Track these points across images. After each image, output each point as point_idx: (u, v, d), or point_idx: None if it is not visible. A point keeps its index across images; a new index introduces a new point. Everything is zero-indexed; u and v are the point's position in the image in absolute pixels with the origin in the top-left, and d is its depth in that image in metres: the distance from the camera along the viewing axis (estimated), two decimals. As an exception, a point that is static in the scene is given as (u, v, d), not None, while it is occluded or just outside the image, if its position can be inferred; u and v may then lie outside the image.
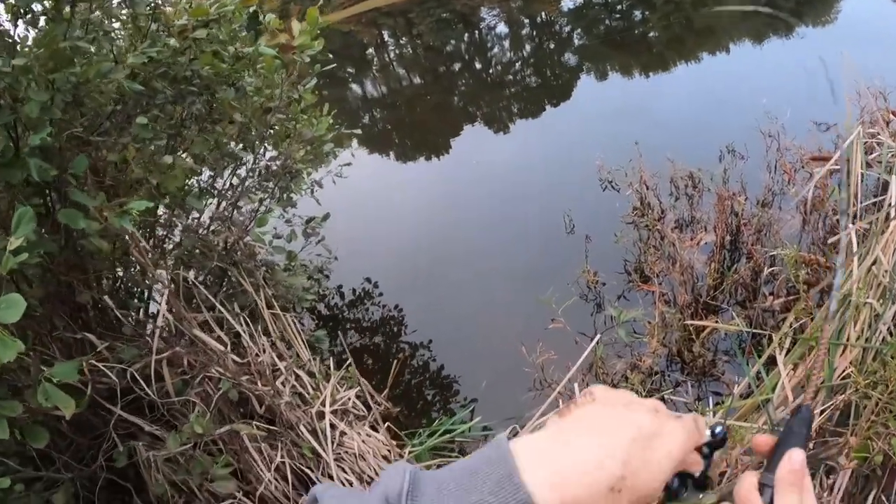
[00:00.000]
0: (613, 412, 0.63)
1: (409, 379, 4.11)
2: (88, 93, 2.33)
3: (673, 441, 0.62)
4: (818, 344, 2.65)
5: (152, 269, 2.63)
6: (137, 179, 2.47)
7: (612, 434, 0.60)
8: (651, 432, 0.61)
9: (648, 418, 0.63)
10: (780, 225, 4.02)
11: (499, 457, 0.58)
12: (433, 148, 7.39)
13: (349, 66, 11.24)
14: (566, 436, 0.61)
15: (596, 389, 0.66)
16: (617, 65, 8.26)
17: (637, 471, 0.59)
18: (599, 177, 5.24)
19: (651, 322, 3.58)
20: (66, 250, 2.47)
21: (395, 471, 0.59)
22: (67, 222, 2.05)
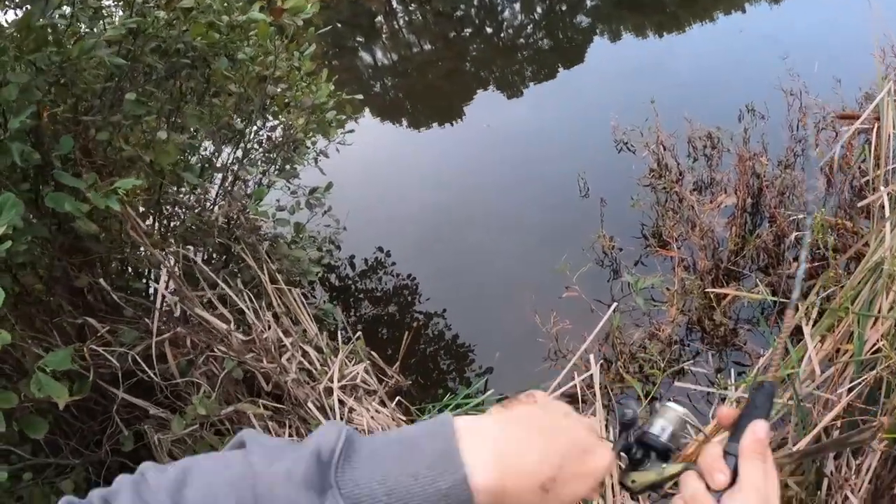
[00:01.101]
0: (555, 419, 0.64)
1: (424, 348, 4.04)
2: (76, 72, 2.22)
3: (601, 461, 0.64)
4: (847, 315, 2.51)
5: (150, 248, 2.55)
6: (130, 158, 2.37)
7: (553, 438, 0.62)
8: (585, 447, 0.63)
9: (585, 433, 0.65)
10: (803, 187, 3.85)
11: (441, 432, 0.58)
12: (446, 114, 7.24)
13: (358, 35, 11.03)
14: (510, 427, 0.61)
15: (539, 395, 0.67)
16: (630, 25, 8.03)
17: (567, 478, 0.60)
18: (614, 138, 5.07)
19: (670, 289, 3.46)
20: (61, 234, 2.40)
21: (330, 428, 0.58)
22: (54, 205, 1.96)
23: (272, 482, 0.55)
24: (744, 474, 0.67)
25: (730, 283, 3.54)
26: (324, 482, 0.54)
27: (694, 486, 0.68)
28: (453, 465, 0.55)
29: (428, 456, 0.56)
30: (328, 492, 0.54)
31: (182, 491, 0.56)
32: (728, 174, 4.17)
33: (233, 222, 2.94)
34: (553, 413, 0.65)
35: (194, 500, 0.55)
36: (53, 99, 2.21)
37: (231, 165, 3.25)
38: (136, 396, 2.69)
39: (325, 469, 0.55)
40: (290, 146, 3.28)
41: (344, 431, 0.57)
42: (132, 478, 0.59)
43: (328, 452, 0.55)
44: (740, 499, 0.65)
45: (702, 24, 7.53)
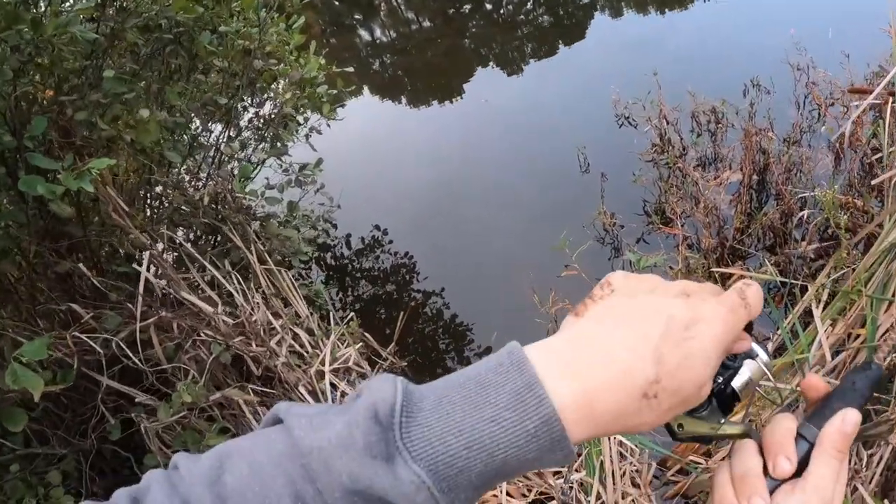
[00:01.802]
0: (637, 303, 0.53)
1: (423, 328, 3.98)
2: (52, 50, 2.11)
3: (715, 326, 0.51)
4: (860, 298, 2.40)
5: (133, 230, 2.46)
6: (110, 138, 2.27)
7: (638, 330, 0.50)
8: (685, 320, 0.51)
9: (679, 304, 0.52)
10: (811, 164, 3.73)
11: (513, 365, 0.48)
12: (445, 91, 7.12)
13: (356, 12, 10.85)
14: (586, 338, 0.51)
15: (614, 278, 0.56)
16: (632, 2, 7.85)
17: (674, 370, 0.49)
18: (615, 112, 4.94)
19: (673, 268, 3.36)
20: (41, 219, 2.31)
21: (383, 382, 0.49)
22: (26, 189, 1.87)
23: (326, 455, 0.46)
24: (814, 470, 0.54)
25: (735, 262, 3.44)
26: (389, 447, 0.46)
27: (749, 464, 0.56)
28: (536, 400, 0.47)
29: (505, 395, 0.47)
30: (395, 458, 0.45)
31: (221, 479, 0.48)
32: (733, 150, 4.05)
33: (218, 202, 2.84)
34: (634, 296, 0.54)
35: (236, 488, 0.47)
36: (33, 79, 2.12)
37: (219, 144, 3.15)
38: (125, 383, 2.62)
39: (387, 431, 0.46)
40: (280, 122, 3.17)
41: (399, 384, 0.48)
42: (163, 472, 0.51)
43: (387, 411, 0.46)
44: (799, 498, 0.53)
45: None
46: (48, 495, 2.44)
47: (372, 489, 0.45)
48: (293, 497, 0.46)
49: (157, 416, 2.56)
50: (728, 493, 0.56)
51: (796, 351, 2.45)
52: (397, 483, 0.45)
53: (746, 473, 0.55)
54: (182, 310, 2.75)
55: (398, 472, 0.45)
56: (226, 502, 0.47)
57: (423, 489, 0.45)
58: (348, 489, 0.46)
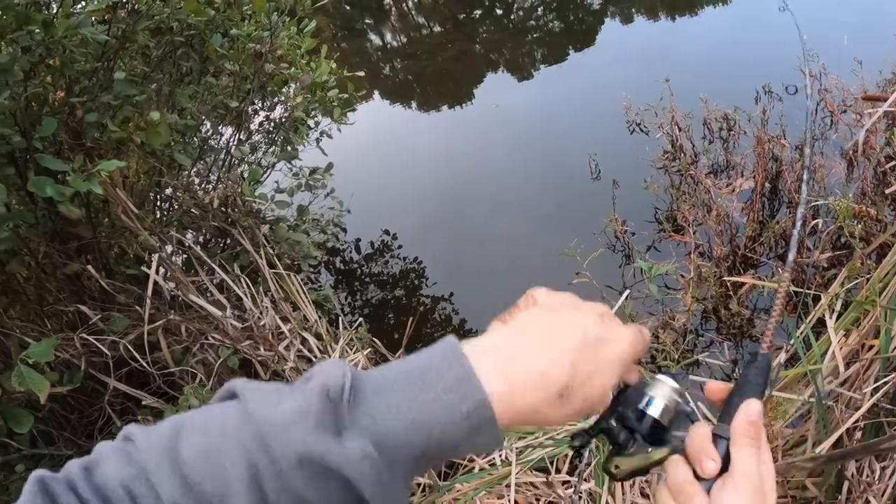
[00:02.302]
0: (558, 317, 0.59)
1: (431, 332, 3.95)
2: (64, 52, 2.11)
3: (620, 346, 0.60)
4: (874, 308, 2.36)
5: (143, 232, 2.45)
6: (119, 140, 2.26)
7: (559, 340, 0.57)
8: (598, 337, 0.58)
9: (593, 322, 0.59)
10: (824, 172, 3.69)
11: (452, 356, 0.54)
12: (455, 96, 7.11)
13: (367, 17, 10.87)
14: (511, 342, 0.57)
15: (537, 293, 0.63)
16: (642, 8, 7.83)
17: (585, 377, 0.56)
18: (627, 118, 4.92)
19: (685, 276, 3.33)
20: (50, 220, 2.30)
21: (331, 365, 0.53)
22: (35, 190, 1.86)
23: (281, 424, 0.50)
24: (736, 461, 0.60)
25: (747, 270, 3.41)
26: (338, 421, 0.50)
27: (680, 474, 0.61)
28: (471, 386, 0.52)
29: (443, 381, 0.52)
30: (343, 432, 0.50)
31: (177, 448, 0.50)
32: (745, 157, 4.02)
33: (229, 205, 2.83)
34: (556, 310, 0.60)
35: (192, 456, 0.50)
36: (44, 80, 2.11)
37: (230, 147, 3.15)
38: (132, 386, 2.61)
39: (336, 407, 0.50)
40: (290, 126, 3.16)
41: (348, 368, 0.53)
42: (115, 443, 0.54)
43: (337, 391, 0.51)
44: (731, 489, 0.59)
45: (714, 6, 7.33)
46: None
47: (323, 459, 0.49)
48: (247, 465, 0.49)
49: (163, 418, 2.55)
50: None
51: (809, 361, 2.41)
52: (345, 453, 0.49)
53: (681, 483, 0.61)
54: (190, 313, 2.74)
55: (346, 443, 0.49)
56: (183, 469, 0.50)
57: (367, 459, 0.49)
58: (302, 458, 0.49)
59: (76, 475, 0.51)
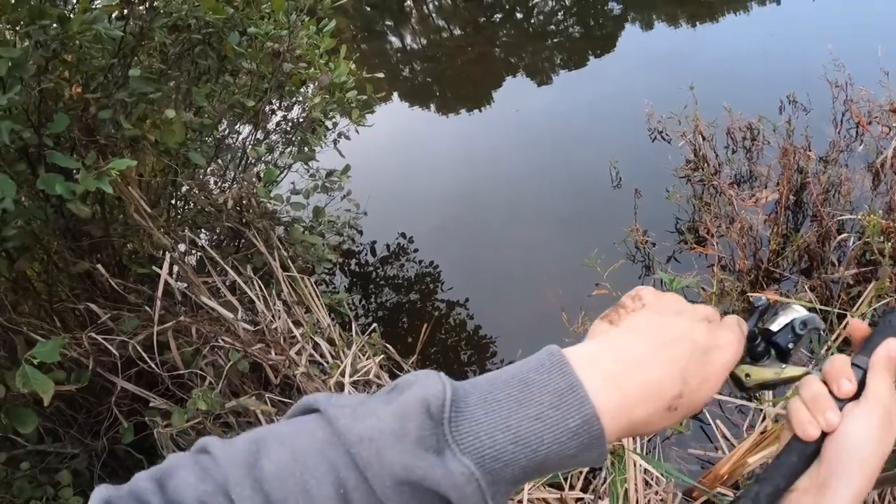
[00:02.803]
0: (668, 322, 0.58)
1: (445, 338, 3.90)
2: (78, 48, 2.08)
3: (728, 352, 0.59)
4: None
5: (155, 231, 2.42)
6: (133, 137, 2.23)
7: (670, 348, 0.56)
8: (707, 345, 0.58)
9: (703, 329, 0.59)
10: (849, 185, 3.60)
11: (555, 366, 0.52)
12: (474, 100, 7.07)
13: (388, 18, 10.87)
14: (622, 349, 0.56)
15: (645, 293, 0.62)
16: (663, 14, 7.75)
17: (694, 388, 0.56)
18: (649, 126, 4.85)
19: (706, 289, 3.25)
20: (62, 217, 2.28)
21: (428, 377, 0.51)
22: (45, 187, 1.83)
23: (378, 446, 0.47)
24: (871, 385, 0.62)
25: (769, 284, 3.33)
26: (439, 440, 0.48)
27: (817, 389, 0.63)
28: (578, 400, 0.50)
29: (548, 394, 0.50)
30: (445, 451, 0.47)
31: (259, 463, 0.48)
32: (770, 168, 3.93)
33: (243, 206, 2.80)
34: (664, 314, 0.59)
35: (275, 473, 0.47)
36: (61, 75, 2.09)
37: (246, 147, 3.11)
38: (140, 386, 2.58)
39: (438, 425, 0.48)
40: (308, 126, 3.12)
41: (446, 380, 0.50)
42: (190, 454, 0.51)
43: (438, 406, 0.48)
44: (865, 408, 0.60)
45: (736, 14, 7.24)
46: (57, 496, 2.40)
47: (424, 480, 0.46)
48: (335, 484, 0.47)
49: (171, 420, 2.51)
50: (804, 415, 0.61)
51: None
52: (448, 474, 0.46)
53: (816, 396, 0.62)
54: (201, 314, 2.71)
55: (449, 464, 0.47)
56: (264, 486, 0.47)
57: (472, 481, 0.47)
58: (400, 479, 0.47)
59: (148, 490, 0.48)
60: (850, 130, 4.20)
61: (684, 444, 2.75)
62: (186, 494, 0.47)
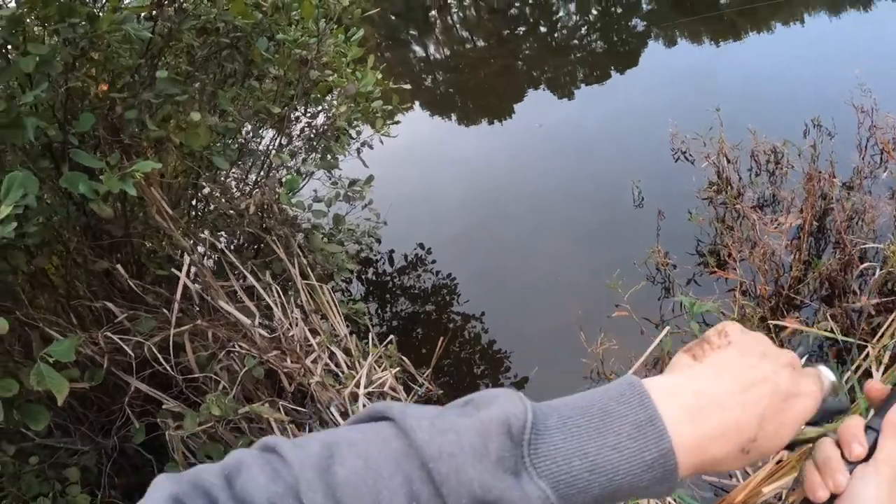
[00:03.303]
0: (752, 363, 0.58)
1: (458, 351, 3.88)
2: (106, 46, 2.09)
3: (807, 402, 0.60)
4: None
5: (175, 233, 2.42)
6: (158, 139, 2.24)
7: (752, 390, 0.56)
8: (787, 391, 0.58)
9: (786, 374, 0.59)
10: (874, 213, 3.55)
11: (635, 397, 0.53)
12: (496, 112, 7.07)
13: (412, 28, 10.93)
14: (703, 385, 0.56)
15: (731, 330, 0.62)
16: (687, 32, 7.73)
17: (770, 434, 0.56)
18: (672, 146, 4.81)
19: (726, 314, 3.21)
20: (84, 216, 2.28)
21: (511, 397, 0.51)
22: (68, 186, 1.83)
23: (459, 462, 0.48)
24: (881, 447, 0.62)
25: (790, 311, 3.28)
26: (517, 462, 0.49)
27: (828, 452, 0.63)
28: (657, 433, 0.51)
29: (627, 425, 0.51)
30: (522, 473, 0.48)
31: (332, 468, 0.48)
32: (793, 193, 3.88)
33: (265, 211, 2.80)
34: (749, 355, 0.59)
35: (349, 479, 0.48)
36: (90, 75, 2.10)
37: (269, 151, 3.12)
38: (153, 386, 2.58)
39: (518, 447, 0.49)
40: (332, 135, 3.12)
41: (527, 402, 0.51)
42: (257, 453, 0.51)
43: (519, 427, 0.49)
44: (873, 470, 0.61)
45: (759, 33, 7.21)
46: (64, 492, 2.40)
47: (501, 500, 0.47)
48: (408, 496, 0.47)
49: (183, 423, 2.51)
50: (815, 478, 0.62)
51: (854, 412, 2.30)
52: (525, 497, 0.47)
53: (827, 459, 0.63)
54: (218, 318, 2.70)
55: (525, 486, 0.47)
56: (336, 491, 0.47)
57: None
58: (477, 497, 0.47)
59: (216, 486, 0.48)
60: (875, 157, 4.15)
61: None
62: (256, 493, 0.47)
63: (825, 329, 2.87)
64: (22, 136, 1.79)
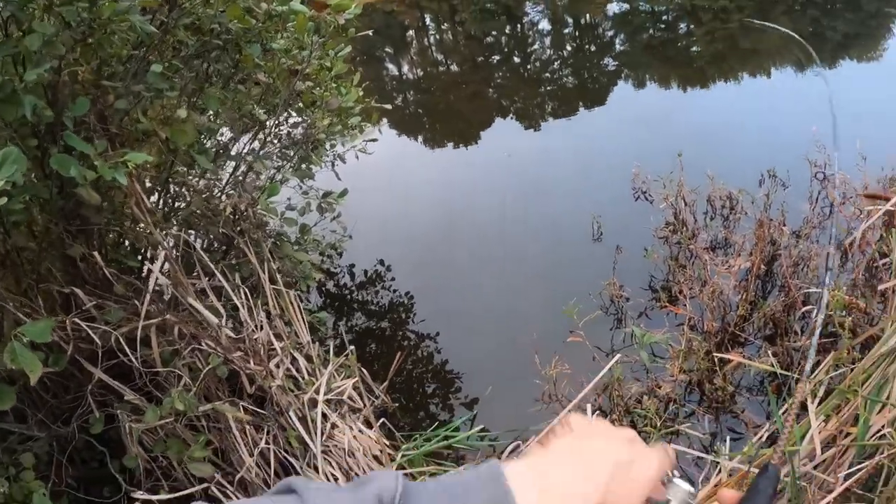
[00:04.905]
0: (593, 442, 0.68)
1: (412, 369, 3.94)
2: (104, 33, 2.14)
3: (648, 466, 0.68)
4: (855, 397, 2.44)
5: (151, 227, 2.45)
6: (146, 131, 2.28)
7: (594, 464, 0.64)
8: (629, 461, 0.66)
9: (625, 448, 0.68)
10: (818, 261, 3.76)
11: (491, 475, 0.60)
12: (464, 137, 7.21)
13: (388, 46, 11.08)
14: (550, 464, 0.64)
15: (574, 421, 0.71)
16: (657, 75, 8.03)
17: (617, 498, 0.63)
18: (633, 185, 5.00)
19: (674, 346, 3.36)
20: (61, 198, 2.30)
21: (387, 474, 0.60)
22: (58, 168, 1.86)
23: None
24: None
25: (734, 347, 3.45)
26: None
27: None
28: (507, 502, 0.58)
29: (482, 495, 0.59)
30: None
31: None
32: (744, 238, 4.09)
33: (240, 214, 2.84)
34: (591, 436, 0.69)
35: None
36: (77, 58, 2.13)
37: (246, 155, 3.16)
38: (114, 378, 2.58)
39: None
40: (309, 145, 3.18)
41: (401, 478, 0.60)
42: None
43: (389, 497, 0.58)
44: None
45: (726, 82, 7.52)
46: (18, 477, 2.38)
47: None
48: None
49: (143, 417, 2.51)
50: None
51: (789, 443, 2.45)
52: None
53: None
54: (184, 315, 2.72)
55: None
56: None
57: None
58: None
59: None
60: (825, 209, 4.38)
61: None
62: None
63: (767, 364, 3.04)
64: (16, 112, 1.82)
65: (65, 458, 2.58)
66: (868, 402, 2.40)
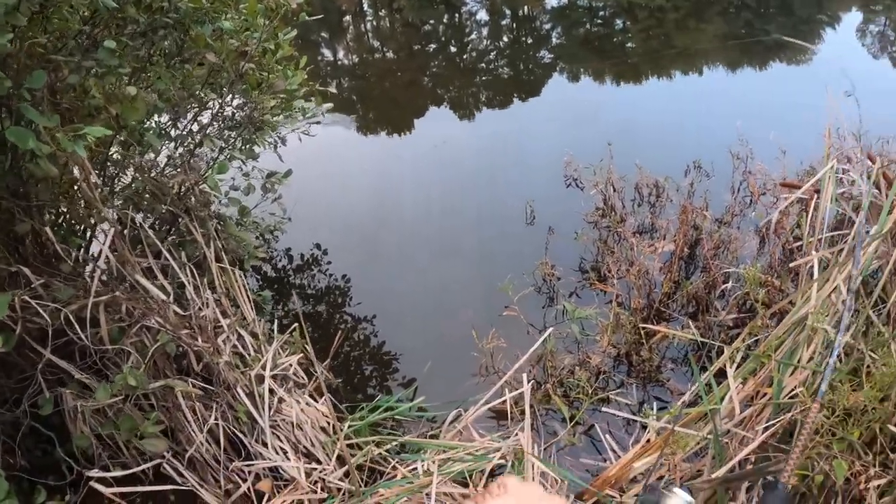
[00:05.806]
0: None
1: (350, 351, 4.01)
2: (59, 6, 2.15)
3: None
4: (770, 361, 2.69)
5: (100, 205, 2.47)
6: (96, 107, 2.30)
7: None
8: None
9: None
10: (738, 244, 4.04)
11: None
12: (398, 124, 7.26)
13: (324, 30, 11.01)
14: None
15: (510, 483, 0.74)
16: (591, 70, 8.25)
17: None
18: (565, 173, 5.20)
19: (603, 322, 3.56)
20: (10, 174, 2.29)
21: None
22: (16, 141, 1.88)
23: None
24: None
25: (660, 323, 3.67)
26: None
27: None
28: None
29: None
30: None
31: None
32: (669, 222, 4.34)
33: (186, 193, 2.88)
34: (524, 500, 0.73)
35: None
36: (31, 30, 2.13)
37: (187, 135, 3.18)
38: (60, 357, 2.58)
39: None
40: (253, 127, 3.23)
41: None
42: None
43: None
44: None
45: (659, 78, 7.81)
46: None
47: None
48: None
49: (92, 395, 2.53)
50: None
51: (709, 402, 2.68)
52: None
53: None
54: (133, 293, 2.74)
55: None
56: None
57: None
58: None
59: None
60: (746, 198, 4.68)
61: (577, 454, 3.01)
62: None
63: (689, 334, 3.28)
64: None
65: (16, 443, 2.56)
66: (781, 366, 2.66)
